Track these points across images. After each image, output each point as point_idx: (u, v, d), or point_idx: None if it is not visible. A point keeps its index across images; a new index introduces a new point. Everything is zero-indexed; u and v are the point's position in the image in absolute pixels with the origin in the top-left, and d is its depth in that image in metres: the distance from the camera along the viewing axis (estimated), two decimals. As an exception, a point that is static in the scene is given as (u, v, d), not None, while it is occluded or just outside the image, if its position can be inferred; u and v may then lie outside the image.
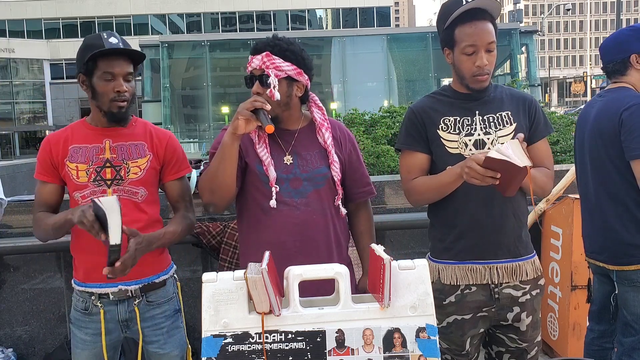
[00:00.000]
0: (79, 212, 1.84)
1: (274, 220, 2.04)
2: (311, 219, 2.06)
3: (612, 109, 2.39)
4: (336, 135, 2.16)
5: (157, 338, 2.13)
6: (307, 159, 2.08)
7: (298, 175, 2.06)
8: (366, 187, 2.23)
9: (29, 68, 40.14)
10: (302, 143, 2.11)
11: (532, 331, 2.09)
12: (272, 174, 2.02)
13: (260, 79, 2.01)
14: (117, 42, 1.99)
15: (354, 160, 2.20)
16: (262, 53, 2.01)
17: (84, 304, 2.09)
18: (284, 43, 2.02)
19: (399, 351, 1.50)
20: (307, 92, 2.13)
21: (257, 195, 2.06)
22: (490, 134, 2.05)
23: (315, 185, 2.07)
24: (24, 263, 3.32)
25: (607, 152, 2.40)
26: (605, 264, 2.48)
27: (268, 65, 1.99)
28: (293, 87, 2.06)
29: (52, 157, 2.08)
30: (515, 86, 13.13)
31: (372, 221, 2.30)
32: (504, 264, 2.05)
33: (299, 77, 2.04)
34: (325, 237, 2.09)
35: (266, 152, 2.04)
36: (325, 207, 2.10)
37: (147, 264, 2.08)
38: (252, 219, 2.09)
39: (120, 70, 2.00)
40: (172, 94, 23.35)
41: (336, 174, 2.09)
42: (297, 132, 2.12)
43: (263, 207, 2.04)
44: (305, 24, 41.38)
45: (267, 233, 2.05)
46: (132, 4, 39.80)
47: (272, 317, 1.50)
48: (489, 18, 1.99)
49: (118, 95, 2.00)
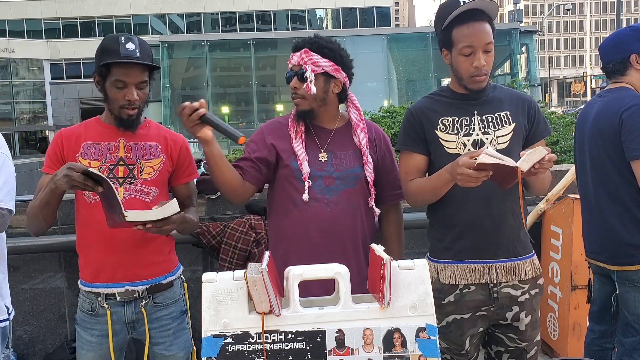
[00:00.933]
0: (62, 179, 1.78)
1: (304, 214, 2.09)
2: (340, 217, 2.10)
3: (612, 109, 2.39)
4: (372, 136, 2.20)
5: (164, 340, 2.12)
6: (341, 158, 2.14)
7: (331, 173, 2.11)
8: (398, 190, 2.25)
9: (29, 68, 40.11)
10: (338, 142, 2.16)
11: (532, 331, 2.09)
12: (305, 169, 2.07)
13: (299, 74, 2.08)
14: (134, 48, 1.96)
15: (387, 163, 2.24)
16: (301, 50, 2.08)
17: (90, 305, 2.08)
18: (322, 41, 2.10)
19: (399, 351, 1.50)
20: (346, 91, 2.18)
21: (290, 190, 2.11)
22: (489, 134, 2.05)
23: (347, 185, 2.12)
24: (24, 263, 3.32)
25: (607, 152, 2.40)
26: (606, 264, 2.48)
27: (306, 61, 2.07)
28: (330, 83, 2.11)
29: (63, 151, 2.06)
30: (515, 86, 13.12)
31: (402, 225, 2.33)
32: (502, 264, 2.05)
33: (336, 74, 2.11)
34: (353, 236, 2.13)
35: (302, 148, 2.11)
36: (355, 206, 2.13)
37: (155, 264, 2.09)
38: (283, 212, 2.14)
39: (133, 80, 1.98)
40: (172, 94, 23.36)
41: (369, 175, 2.13)
42: (334, 131, 2.17)
43: (295, 201, 2.10)
44: (305, 24, 41.35)
45: (296, 226, 2.10)
46: (132, 4, 39.78)
47: (272, 317, 1.50)
48: (486, 19, 1.99)
49: (128, 104, 1.99)
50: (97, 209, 1.99)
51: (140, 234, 2.02)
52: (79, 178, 1.76)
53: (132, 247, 2.03)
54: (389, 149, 2.26)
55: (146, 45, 2.03)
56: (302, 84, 2.07)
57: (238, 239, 3.05)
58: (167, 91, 22.37)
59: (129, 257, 2.04)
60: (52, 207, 1.98)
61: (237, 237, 3.05)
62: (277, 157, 2.14)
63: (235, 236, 3.05)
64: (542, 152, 1.74)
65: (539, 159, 1.74)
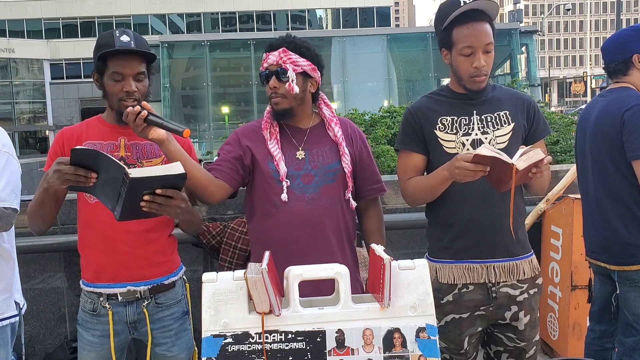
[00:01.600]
0: (53, 175, 1.75)
1: (286, 215, 2.06)
2: (323, 214, 2.08)
3: (613, 109, 2.39)
4: (347, 132, 2.19)
5: (165, 340, 2.12)
6: (318, 155, 2.12)
7: (309, 170, 2.09)
8: (377, 185, 2.25)
9: (29, 68, 40.10)
10: (314, 139, 2.14)
11: (531, 330, 2.10)
12: (282, 169, 2.05)
13: (277, 73, 2.05)
14: (128, 40, 1.95)
15: (364, 157, 2.22)
16: (279, 49, 2.06)
17: (92, 305, 2.08)
18: (298, 40, 2.09)
19: (399, 351, 1.50)
20: (318, 90, 2.18)
21: (268, 192, 2.09)
22: (488, 133, 2.05)
23: (327, 181, 2.10)
24: (24, 263, 3.32)
25: (608, 152, 2.40)
26: (607, 264, 2.48)
27: (285, 61, 2.04)
28: (308, 82, 2.11)
29: (65, 150, 2.05)
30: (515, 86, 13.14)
31: (382, 220, 2.32)
32: (501, 263, 2.05)
33: (313, 74, 2.10)
34: (337, 232, 2.12)
35: (277, 148, 2.09)
36: (336, 202, 2.12)
37: (157, 265, 2.08)
38: (264, 215, 2.12)
39: (130, 71, 1.97)
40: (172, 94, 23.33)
41: (347, 166, 2.11)
42: (309, 129, 2.15)
43: (274, 203, 2.07)
44: (305, 24, 41.36)
45: (279, 229, 2.07)
46: (132, 4, 39.78)
47: (272, 317, 1.50)
48: (486, 19, 1.99)
49: (127, 95, 1.97)
50: (98, 209, 1.99)
51: (141, 234, 2.02)
52: (69, 170, 1.72)
53: (134, 247, 2.03)
54: (364, 143, 2.25)
55: (142, 38, 2.02)
56: (282, 84, 2.05)
57: (238, 239, 3.04)
58: (167, 91, 22.34)
59: (131, 258, 2.03)
60: (48, 206, 1.97)
61: (237, 237, 3.05)
62: (253, 160, 2.10)
63: (235, 236, 3.05)
64: (540, 154, 1.74)
65: (536, 160, 1.74)
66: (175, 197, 1.78)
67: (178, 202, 1.80)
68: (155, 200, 1.75)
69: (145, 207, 1.75)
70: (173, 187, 1.77)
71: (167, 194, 1.75)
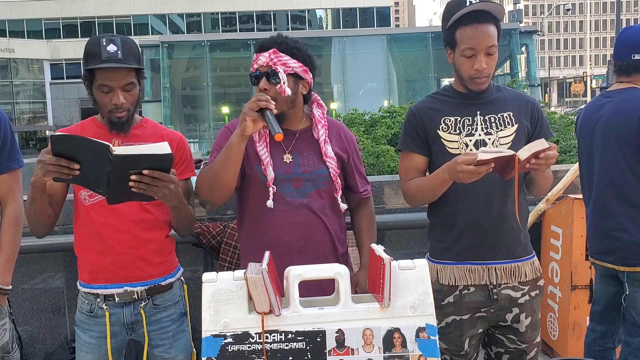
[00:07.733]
0: (36, 167, 1.73)
1: (276, 220, 2.04)
2: (313, 219, 2.06)
3: (626, 109, 2.39)
4: (339, 135, 2.17)
5: (163, 342, 2.11)
6: (308, 159, 2.09)
7: (299, 175, 2.06)
8: (367, 186, 2.26)
9: (29, 68, 40.12)
10: (303, 142, 2.11)
11: (532, 332, 2.09)
12: (270, 174, 2.01)
13: (267, 75, 1.99)
14: (115, 50, 1.90)
15: (356, 160, 2.22)
16: (269, 50, 2.00)
17: (89, 306, 2.07)
18: (290, 41, 2.03)
19: (399, 351, 1.50)
20: (310, 91, 2.14)
21: (258, 196, 2.06)
22: (492, 134, 2.04)
23: (317, 186, 2.07)
24: (24, 263, 3.32)
25: (622, 153, 2.40)
26: (615, 265, 2.48)
27: (276, 62, 1.98)
28: (299, 84, 2.06)
29: None
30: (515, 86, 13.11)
31: (373, 218, 2.31)
32: (502, 265, 2.05)
33: (304, 75, 2.05)
34: (328, 236, 2.10)
35: (266, 152, 2.04)
36: (326, 206, 2.10)
37: (154, 265, 2.07)
38: (254, 219, 2.09)
39: (118, 83, 1.93)
40: (172, 94, 23.31)
41: (332, 170, 2.08)
42: (298, 132, 2.11)
43: (265, 208, 2.03)
44: (305, 24, 41.37)
45: (269, 233, 2.05)
46: (132, 4, 39.79)
47: (272, 317, 1.50)
48: (492, 20, 1.97)
49: (115, 108, 1.95)
50: (93, 210, 1.99)
51: (138, 234, 2.02)
52: (51, 160, 1.68)
53: (130, 247, 2.02)
54: (355, 147, 2.24)
55: (131, 44, 1.97)
56: (273, 85, 1.99)
57: (238, 239, 3.04)
58: (167, 91, 22.32)
59: (127, 258, 2.02)
60: (39, 202, 1.93)
61: (237, 237, 3.05)
62: (244, 160, 2.05)
63: (235, 236, 3.05)
64: (543, 143, 1.74)
65: (539, 149, 1.74)
66: (162, 178, 1.75)
67: (166, 183, 1.77)
68: (143, 180, 1.72)
69: (134, 187, 1.73)
70: (161, 168, 1.74)
71: (154, 175, 1.72)
